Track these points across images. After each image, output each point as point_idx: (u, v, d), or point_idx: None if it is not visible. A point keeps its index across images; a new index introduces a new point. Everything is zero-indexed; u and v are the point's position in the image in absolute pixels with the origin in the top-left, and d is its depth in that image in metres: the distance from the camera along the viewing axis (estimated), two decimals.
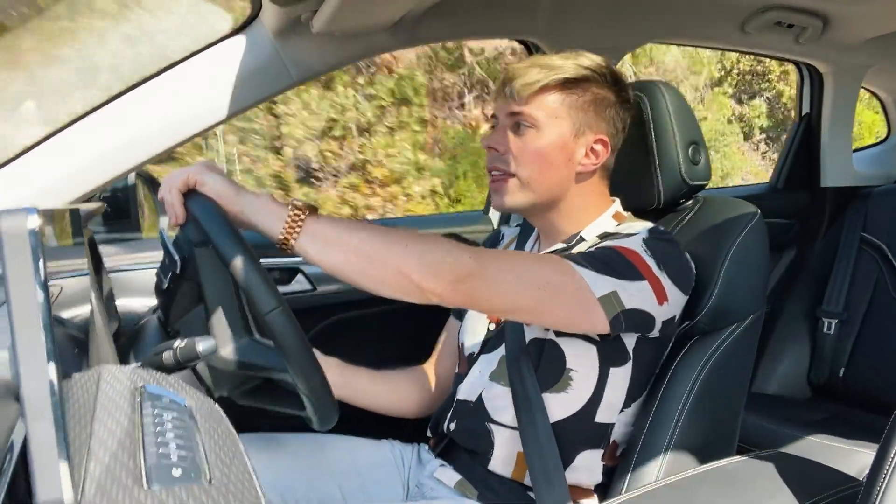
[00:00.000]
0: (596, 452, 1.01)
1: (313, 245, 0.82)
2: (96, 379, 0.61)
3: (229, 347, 0.85)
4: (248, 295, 0.78)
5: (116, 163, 1.12)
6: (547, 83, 0.98)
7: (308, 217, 0.82)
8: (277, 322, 0.78)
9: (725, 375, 1.03)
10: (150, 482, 0.47)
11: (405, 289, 0.83)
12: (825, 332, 1.88)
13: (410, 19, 1.21)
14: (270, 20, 1.14)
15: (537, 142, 0.99)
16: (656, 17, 1.50)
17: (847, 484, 0.89)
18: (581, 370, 0.98)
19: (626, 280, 0.91)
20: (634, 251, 0.93)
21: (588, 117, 1.00)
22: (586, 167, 1.02)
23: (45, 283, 0.47)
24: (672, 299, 0.95)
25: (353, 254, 0.82)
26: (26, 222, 0.47)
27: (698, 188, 1.12)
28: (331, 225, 0.83)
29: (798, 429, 1.63)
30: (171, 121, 1.13)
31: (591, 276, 0.89)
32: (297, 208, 0.82)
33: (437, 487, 1.06)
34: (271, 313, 0.77)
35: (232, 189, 0.84)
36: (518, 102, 0.99)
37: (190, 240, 0.83)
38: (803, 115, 1.99)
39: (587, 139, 1.01)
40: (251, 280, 0.77)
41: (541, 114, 0.99)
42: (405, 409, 1.19)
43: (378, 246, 0.83)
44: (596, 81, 1.00)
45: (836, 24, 1.61)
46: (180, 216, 0.83)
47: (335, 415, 0.88)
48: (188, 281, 0.85)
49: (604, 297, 0.89)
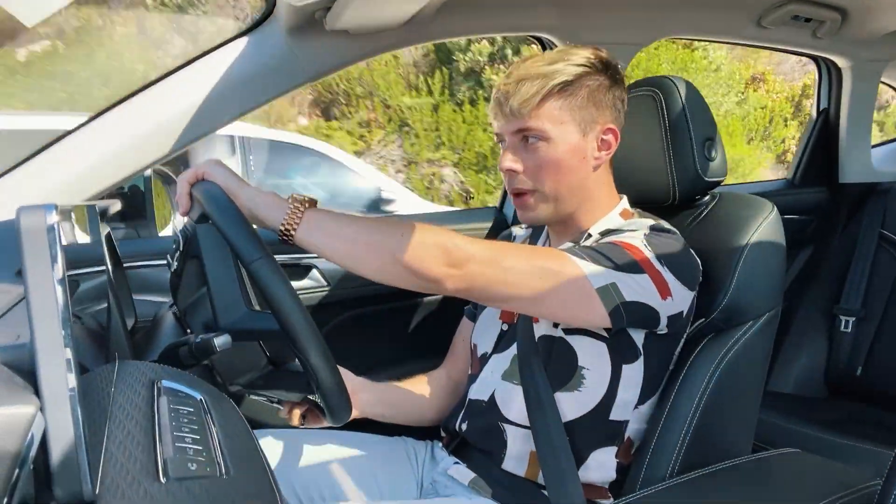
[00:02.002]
0: (609, 450, 1.00)
1: (313, 235, 0.85)
2: (114, 373, 0.62)
3: (229, 317, 0.87)
4: (235, 249, 0.81)
5: (132, 160, 1.13)
6: (545, 94, 0.97)
7: (307, 210, 0.86)
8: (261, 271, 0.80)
9: (741, 373, 1.02)
10: (167, 475, 0.48)
11: (402, 276, 0.85)
12: (842, 331, 1.85)
13: (423, 16, 1.20)
14: (284, 18, 1.14)
15: (551, 153, 0.99)
16: (670, 11, 1.49)
17: (864, 483, 0.88)
18: (593, 368, 0.98)
19: (626, 273, 0.91)
20: (634, 245, 0.93)
21: (591, 112, 1.00)
22: (600, 159, 1.02)
23: (64, 278, 0.47)
24: (676, 294, 0.94)
25: (350, 243, 0.85)
26: (45, 218, 0.48)
27: (714, 184, 1.11)
28: (329, 216, 0.87)
29: (815, 428, 1.62)
30: (186, 118, 1.14)
31: (589, 268, 0.89)
32: (298, 201, 0.86)
33: (451, 485, 1.06)
34: (255, 262, 0.80)
35: (236, 182, 0.88)
36: (521, 119, 0.99)
37: (192, 220, 0.88)
38: (821, 110, 1.97)
39: (595, 133, 1.01)
40: (240, 237, 0.80)
41: (547, 125, 0.98)
42: (426, 417, 1.19)
43: (374, 235, 0.85)
44: (588, 74, 0.99)
45: (854, 18, 1.59)
46: (185, 206, 0.88)
47: (348, 410, 0.88)
48: (192, 258, 0.87)
49: (602, 289, 0.89)
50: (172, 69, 1.15)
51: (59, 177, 1.09)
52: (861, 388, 1.81)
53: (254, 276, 0.80)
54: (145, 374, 0.64)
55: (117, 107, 1.13)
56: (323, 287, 1.42)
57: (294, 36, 1.16)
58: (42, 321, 0.46)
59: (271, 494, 0.55)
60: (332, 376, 0.83)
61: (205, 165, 0.89)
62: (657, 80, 1.11)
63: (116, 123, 1.13)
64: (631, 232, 0.96)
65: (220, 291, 0.86)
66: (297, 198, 0.87)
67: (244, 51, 1.16)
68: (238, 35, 1.17)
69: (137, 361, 0.70)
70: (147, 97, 1.14)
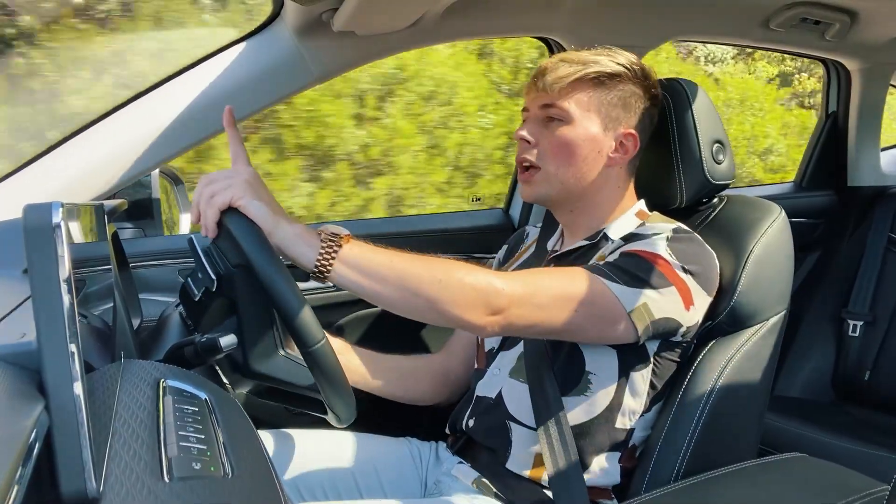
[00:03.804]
0: (614, 455, 1.00)
1: (347, 275, 0.83)
2: (119, 372, 0.62)
3: (261, 362, 0.87)
4: (291, 328, 0.80)
5: (139, 160, 1.13)
6: (579, 77, 1.00)
7: (340, 247, 0.83)
8: (321, 355, 0.81)
9: (747, 377, 1.02)
10: (171, 475, 0.48)
11: (441, 321, 0.86)
12: (850, 335, 1.84)
13: (431, 18, 1.21)
14: (291, 19, 1.14)
15: (568, 135, 1.00)
16: (679, 14, 1.49)
17: (871, 489, 0.87)
18: (600, 374, 0.98)
19: (654, 289, 0.91)
20: (660, 255, 0.93)
21: (618, 112, 1.01)
22: (615, 161, 1.03)
23: (70, 277, 0.47)
24: (698, 302, 0.95)
25: (386, 284, 0.83)
26: (51, 216, 0.48)
27: (722, 187, 1.11)
28: (362, 255, 0.84)
29: (822, 432, 1.60)
30: (193, 119, 1.14)
31: (621, 291, 0.90)
32: (330, 239, 0.83)
33: (455, 484, 1.05)
34: (315, 346, 0.80)
35: (272, 221, 0.82)
36: (550, 95, 1.01)
37: (227, 259, 0.83)
38: (829, 113, 1.96)
39: (617, 133, 1.02)
40: (294, 313, 0.79)
41: (572, 107, 1.00)
42: (407, 396, 1.18)
43: (411, 281, 0.83)
44: (626, 77, 1.02)
45: (863, 20, 1.58)
46: (212, 232, 0.83)
47: (353, 412, 0.88)
48: (222, 297, 0.85)
49: (635, 311, 0.90)
50: (180, 70, 1.16)
51: (66, 176, 1.09)
52: (869, 393, 1.79)
53: (312, 360, 0.81)
54: (150, 374, 0.64)
55: (125, 107, 1.14)
56: (328, 287, 1.42)
57: (301, 37, 1.16)
58: (47, 319, 0.46)
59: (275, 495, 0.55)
60: (339, 378, 0.84)
61: (241, 194, 0.81)
62: (665, 83, 1.11)
63: (124, 123, 1.13)
64: (654, 237, 0.96)
65: (256, 337, 0.85)
66: (329, 233, 0.83)
67: (251, 52, 1.16)
68: (245, 36, 1.18)
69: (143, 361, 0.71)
70: (154, 98, 1.14)
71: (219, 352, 0.82)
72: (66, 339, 0.46)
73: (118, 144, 1.12)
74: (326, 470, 1.09)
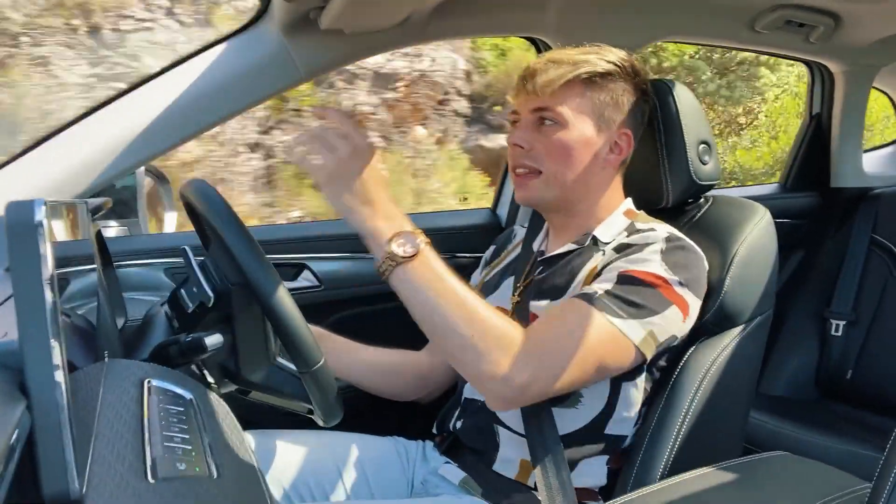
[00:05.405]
0: (601, 458, 1.01)
1: (398, 290, 0.85)
2: (103, 372, 0.61)
3: (255, 373, 0.88)
4: (291, 350, 0.81)
5: (124, 158, 1.12)
6: (570, 79, 0.98)
7: (398, 266, 0.83)
8: (320, 376, 0.82)
9: (732, 376, 1.02)
10: (155, 475, 0.47)
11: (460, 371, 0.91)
12: (833, 334, 1.86)
13: (419, 16, 1.20)
14: (279, 17, 1.13)
15: (564, 138, 0.99)
16: (665, 15, 1.49)
17: (854, 486, 0.88)
18: (592, 388, 0.98)
19: (658, 314, 0.91)
20: (658, 275, 0.92)
21: (611, 111, 1.01)
22: (610, 162, 1.02)
23: (53, 275, 0.47)
24: (692, 311, 0.96)
25: (423, 323, 0.86)
26: (34, 214, 0.47)
27: (707, 188, 1.12)
28: (414, 281, 0.84)
29: (805, 430, 1.62)
30: (179, 116, 1.13)
31: (628, 326, 0.90)
32: (395, 252, 0.83)
33: (442, 484, 1.05)
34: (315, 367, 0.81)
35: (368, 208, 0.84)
36: (542, 99, 0.99)
37: (226, 277, 0.84)
38: (813, 114, 1.98)
39: (611, 133, 1.01)
40: (295, 336, 0.80)
41: (565, 109, 0.99)
42: (395, 391, 1.18)
43: (445, 330, 0.85)
44: (618, 75, 1.01)
45: (847, 23, 1.60)
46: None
47: (340, 411, 0.88)
48: (216, 311, 0.85)
49: (642, 341, 0.90)
50: (165, 67, 1.15)
51: (49, 174, 1.08)
52: (851, 392, 1.81)
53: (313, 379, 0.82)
54: (135, 373, 0.63)
55: (110, 104, 1.12)
56: (315, 287, 1.41)
57: (288, 34, 1.16)
58: (30, 318, 0.45)
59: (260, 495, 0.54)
60: (333, 391, 0.85)
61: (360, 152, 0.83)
62: (652, 83, 1.12)
63: (109, 120, 1.12)
64: (648, 249, 0.94)
65: (249, 349, 0.87)
66: (403, 241, 0.83)
67: (238, 49, 1.16)
68: (232, 33, 1.17)
69: (127, 360, 0.70)
70: (139, 95, 1.13)
71: (204, 351, 0.81)
72: (49, 338, 0.45)
73: (103, 141, 1.11)
74: (313, 469, 1.08)
